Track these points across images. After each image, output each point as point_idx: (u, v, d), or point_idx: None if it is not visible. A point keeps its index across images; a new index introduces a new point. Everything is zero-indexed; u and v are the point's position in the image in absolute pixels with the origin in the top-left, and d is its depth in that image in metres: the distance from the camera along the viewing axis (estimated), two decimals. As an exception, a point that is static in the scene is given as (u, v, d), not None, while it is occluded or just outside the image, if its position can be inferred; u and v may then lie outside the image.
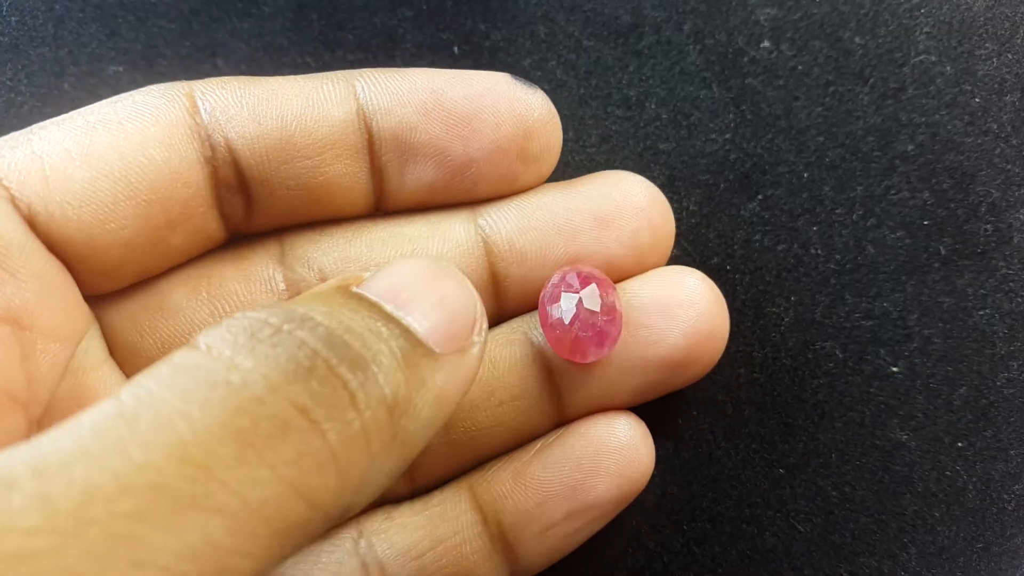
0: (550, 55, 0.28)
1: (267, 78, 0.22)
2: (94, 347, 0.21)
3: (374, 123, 0.22)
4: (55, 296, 0.20)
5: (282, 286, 0.23)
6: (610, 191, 0.23)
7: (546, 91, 0.28)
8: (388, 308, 0.17)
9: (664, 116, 0.28)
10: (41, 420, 0.20)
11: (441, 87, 0.22)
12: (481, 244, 0.23)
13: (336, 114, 0.22)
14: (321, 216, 0.23)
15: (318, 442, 0.14)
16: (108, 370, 0.21)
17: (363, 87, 0.22)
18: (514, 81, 0.23)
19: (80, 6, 0.28)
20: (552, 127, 0.23)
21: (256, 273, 0.23)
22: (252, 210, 0.22)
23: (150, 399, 0.13)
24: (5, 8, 0.28)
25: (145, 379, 0.14)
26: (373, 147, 0.22)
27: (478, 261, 0.23)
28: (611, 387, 0.23)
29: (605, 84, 0.28)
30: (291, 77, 0.22)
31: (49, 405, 0.20)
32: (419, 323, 0.17)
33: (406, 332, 0.16)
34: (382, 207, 0.23)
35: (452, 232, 0.23)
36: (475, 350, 0.18)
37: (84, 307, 0.21)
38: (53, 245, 0.20)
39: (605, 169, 0.27)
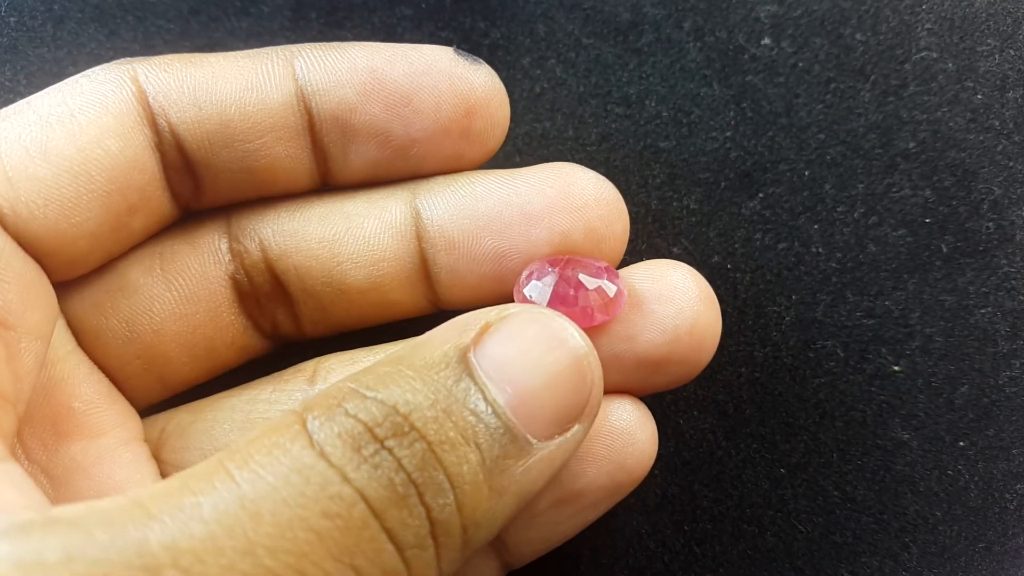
0: (550, 53, 0.28)
1: (208, 56, 0.22)
2: (60, 339, 0.22)
3: (313, 105, 0.22)
4: (33, 294, 0.20)
5: (228, 257, 0.23)
6: (545, 185, 0.22)
7: (546, 89, 0.28)
8: (493, 393, 0.17)
9: (664, 114, 0.27)
10: (23, 416, 0.20)
11: (380, 66, 0.22)
12: (413, 227, 0.23)
13: (275, 97, 0.21)
14: (267, 194, 0.23)
15: (399, 567, 0.16)
16: (76, 360, 0.22)
17: (302, 66, 0.22)
18: (456, 56, 0.22)
19: (79, 6, 0.28)
20: (495, 104, 0.22)
21: (204, 245, 0.23)
22: (200, 190, 0.22)
23: (270, 496, 0.15)
24: (4, 8, 0.28)
25: (260, 466, 0.15)
26: (314, 128, 0.22)
27: (409, 244, 0.23)
28: None
29: (605, 82, 0.28)
30: (232, 55, 0.22)
31: (29, 402, 0.20)
32: (523, 414, 0.17)
33: (507, 428, 0.17)
34: (329, 183, 0.23)
35: (388, 212, 0.23)
36: (572, 433, 0.18)
37: (54, 298, 0.21)
38: (22, 244, 0.20)
39: (604, 169, 0.27)
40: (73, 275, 0.22)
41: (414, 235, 0.23)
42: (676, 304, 0.21)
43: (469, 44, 0.28)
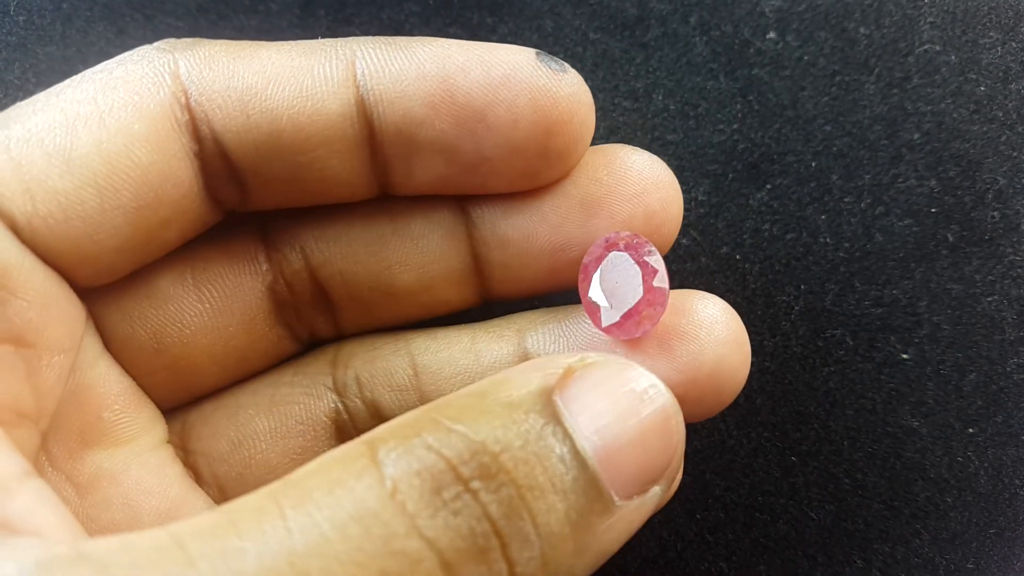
0: (557, 48, 0.28)
1: (260, 50, 0.20)
2: (89, 343, 0.20)
3: (375, 116, 0.20)
4: (56, 308, 0.19)
5: (265, 266, 0.22)
6: (600, 172, 0.21)
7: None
8: (582, 444, 0.16)
9: (672, 107, 0.28)
10: (47, 430, 0.20)
11: (452, 73, 0.19)
12: (463, 225, 0.21)
13: (332, 107, 0.19)
14: (322, 203, 0.21)
15: None
16: (104, 366, 0.21)
17: (364, 70, 0.19)
18: (539, 63, 0.19)
19: (88, 5, 0.29)
20: (580, 119, 0.20)
21: (240, 255, 0.22)
22: (247, 196, 0.21)
23: (323, 551, 0.13)
24: (13, 7, 0.28)
25: (318, 509, 0.14)
26: (374, 140, 0.20)
27: (459, 243, 0.22)
28: None
29: (612, 76, 0.28)
30: (286, 48, 0.20)
31: (55, 412, 0.20)
32: (609, 468, 0.16)
33: (591, 483, 0.16)
34: (390, 194, 0.22)
35: (434, 211, 0.22)
36: (651, 495, 0.17)
37: (80, 308, 0.20)
38: (43, 256, 0.19)
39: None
40: (99, 283, 0.20)
41: (464, 233, 0.21)
42: (699, 344, 0.20)
43: (477, 40, 0.28)
